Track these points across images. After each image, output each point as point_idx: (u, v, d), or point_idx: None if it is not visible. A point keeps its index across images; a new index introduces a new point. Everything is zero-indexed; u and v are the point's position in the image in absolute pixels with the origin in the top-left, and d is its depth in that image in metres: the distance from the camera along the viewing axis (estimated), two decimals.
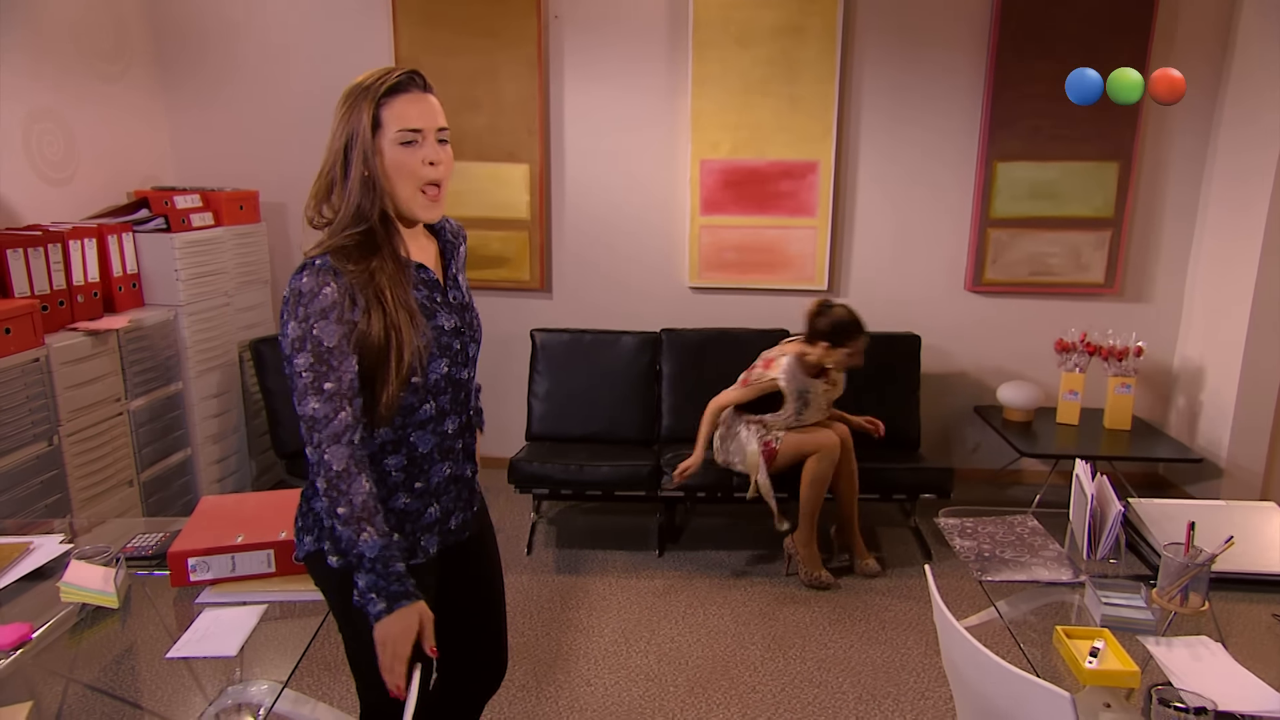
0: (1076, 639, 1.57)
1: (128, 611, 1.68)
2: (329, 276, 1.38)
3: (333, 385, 1.38)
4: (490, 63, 3.93)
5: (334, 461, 1.38)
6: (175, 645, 1.54)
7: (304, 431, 1.40)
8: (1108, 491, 1.90)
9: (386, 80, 1.42)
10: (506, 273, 4.16)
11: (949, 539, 1.99)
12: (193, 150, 4.12)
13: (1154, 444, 3.71)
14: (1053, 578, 1.81)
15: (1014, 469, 4.24)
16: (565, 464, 3.43)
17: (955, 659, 1.56)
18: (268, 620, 1.66)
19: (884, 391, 3.80)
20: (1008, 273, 4.04)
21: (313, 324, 1.37)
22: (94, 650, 1.57)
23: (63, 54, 3.43)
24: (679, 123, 3.99)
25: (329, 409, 1.37)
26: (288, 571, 1.78)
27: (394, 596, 1.39)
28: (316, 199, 1.47)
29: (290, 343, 1.38)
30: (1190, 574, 1.68)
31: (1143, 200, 3.97)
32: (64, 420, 2.86)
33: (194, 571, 1.73)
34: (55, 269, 2.95)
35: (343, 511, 1.38)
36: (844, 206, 4.05)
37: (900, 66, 3.89)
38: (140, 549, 1.87)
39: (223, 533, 1.80)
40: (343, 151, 1.42)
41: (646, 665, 2.77)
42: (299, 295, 1.38)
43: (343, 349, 1.39)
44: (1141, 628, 1.62)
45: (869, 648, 2.88)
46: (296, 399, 1.40)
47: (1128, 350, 3.77)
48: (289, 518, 1.83)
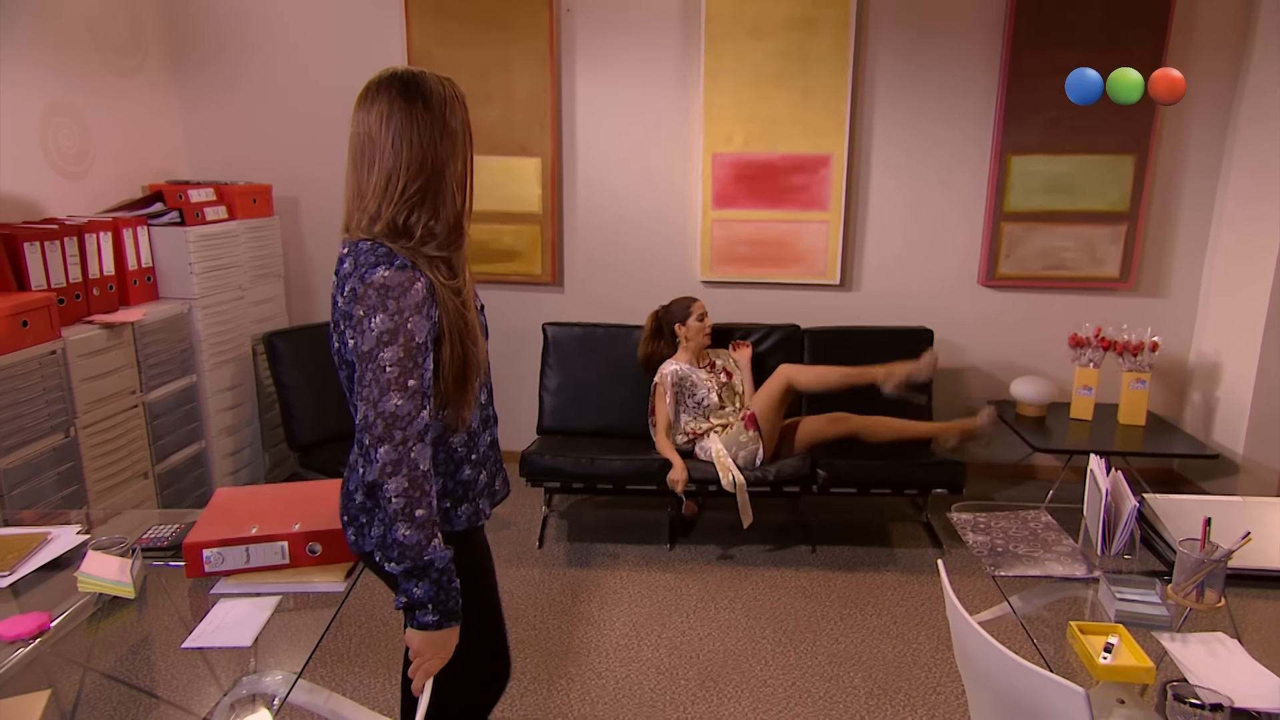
0: (1090, 635, 1.56)
1: (144, 602, 1.69)
2: (416, 273, 1.39)
3: (415, 382, 1.36)
4: (502, 56, 3.93)
5: (420, 461, 1.37)
6: (191, 635, 1.55)
7: (380, 429, 1.34)
8: (1122, 487, 1.89)
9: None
10: (518, 266, 4.17)
11: (961, 534, 1.98)
12: (207, 144, 4.14)
13: (1169, 440, 3.68)
14: (1067, 573, 1.81)
15: (1027, 464, 4.22)
16: (577, 457, 3.44)
17: (969, 653, 1.56)
18: (282, 611, 1.67)
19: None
20: (1021, 267, 4.02)
21: (407, 317, 1.35)
22: (111, 640, 1.59)
23: (78, 48, 3.45)
24: (691, 116, 3.98)
25: (412, 406, 1.36)
26: (301, 563, 1.79)
27: (449, 614, 1.42)
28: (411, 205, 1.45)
29: (377, 336, 1.35)
30: (1206, 570, 1.67)
31: (1159, 193, 3.94)
32: (80, 412, 2.88)
33: (209, 563, 1.74)
34: (71, 262, 2.97)
35: (421, 514, 1.36)
36: (857, 200, 4.03)
37: (914, 59, 3.87)
38: (156, 540, 1.89)
39: (237, 525, 1.81)
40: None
41: (657, 658, 2.77)
42: (387, 289, 1.36)
43: (427, 346, 1.38)
44: (1156, 624, 1.61)
45: (881, 642, 2.87)
46: (375, 394, 1.35)
47: (1143, 345, 3.74)
48: (303, 510, 1.85)
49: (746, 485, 3.34)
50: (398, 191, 1.42)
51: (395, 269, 1.38)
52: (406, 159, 1.42)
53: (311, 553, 1.78)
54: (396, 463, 1.35)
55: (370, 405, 1.35)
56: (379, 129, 1.42)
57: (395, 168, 1.42)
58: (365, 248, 1.43)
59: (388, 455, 1.35)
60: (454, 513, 1.62)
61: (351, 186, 1.48)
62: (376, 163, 1.43)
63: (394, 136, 1.42)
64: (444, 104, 1.46)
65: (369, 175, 1.44)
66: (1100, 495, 1.90)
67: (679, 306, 3.66)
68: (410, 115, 1.42)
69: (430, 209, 1.45)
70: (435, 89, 1.46)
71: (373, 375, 1.35)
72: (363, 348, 1.37)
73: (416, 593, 1.39)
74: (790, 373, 3.48)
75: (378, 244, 1.43)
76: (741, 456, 3.39)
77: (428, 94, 1.44)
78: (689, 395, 3.56)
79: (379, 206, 1.43)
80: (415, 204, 1.44)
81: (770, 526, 3.73)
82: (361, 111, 1.45)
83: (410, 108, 1.42)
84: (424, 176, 1.43)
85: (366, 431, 1.37)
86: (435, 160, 1.44)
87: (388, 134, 1.42)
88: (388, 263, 1.38)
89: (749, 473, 3.37)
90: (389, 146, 1.42)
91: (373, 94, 1.44)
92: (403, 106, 1.42)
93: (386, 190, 1.42)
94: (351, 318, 1.40)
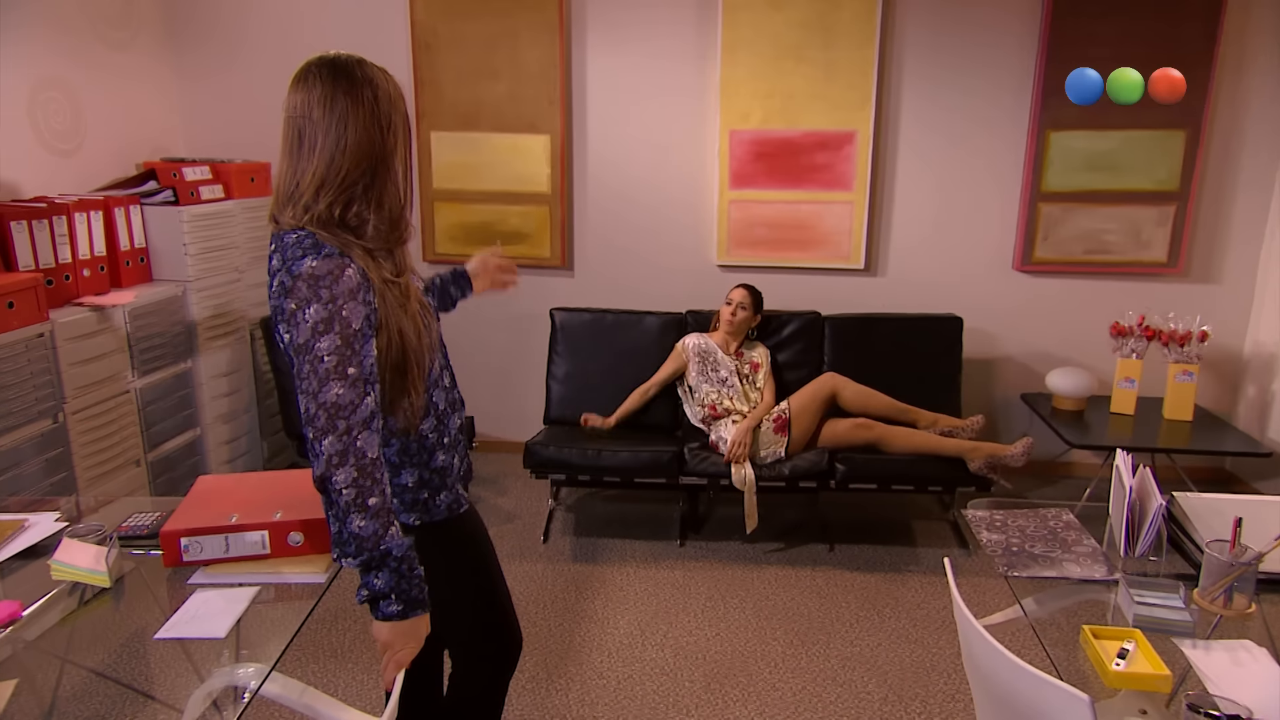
0: (1104, 639, 1.55)
1: (121, 591, 1.73)
2: (345, 260, 1.40)
3: (356, 370, 1.37)
4: (509, 28, 3.93)
5: (368, 449, 1.37)
6: (164, 626, 1.58)
7: (323, 420, 1.35)
8: (1149, 484, 1.86)
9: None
10: (526, 249, 4.18)
11: (976, 532, 1.97)
12: (203, 120, 4.19)
13: (1219, 436, 3.62)
14: (1084, 575, 1.79)
15: (1064, 461, 4.17)
16: (583, 449, 3.45)
17: (974, 656, 1.55)
18: (261, 603, 1.70)
19: (923, 377, 3.76)
20: (1060, 251, 3.96)
21: (341, 305, 1.37)
22: (85, 629, 1.62)
23: (69, 20, 3.50)
24: (707, 91, 3.96)
25: (354, 394, 1.37)
26: (282, 553, 1.81)
27: (414, 603, 1.43)
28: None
29: (312, 327, 1.36)
30: (1235, 574, 1.65)
31: (1212, 171, 3.86)
32: (69, 397, 2.94)
33: (187, 552, 1.77)
34: (60, 242, 3.03)
35: (374, 502, 1.37)
36: (883, 180, 4.00)
37: (945, 28, 3.81)
38: (136, 528, 1.92)
39: (217, 513, 1.84)
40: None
41: (662, 659, 2.78)
42: (317, 279, 1.37)
43: (366, 333, 1.40)
44: (1178, 629, 1.59)
45: (898, 646, 2.86)
46: (314, 385, 1.36)
47: (1190, 335, 3.67)
48: (286, 499, 1.88)
49: (758, 481, 3.33)
50: (339, 179, 1.43)
51: (323, 258, 1.39)
52: (350, 144, 1.42)
53: (293, 543, 1.81)
54: (343, 453, 1.35)
55: (310, 398, 1.36)
56: (320, 112, 1.42)
57: (337, 153, 1.42)
58: (291, 240, 1.43)
59: (332, 446, 1.35)
60: (433, 502, 1.64)
61: (284, 172, 1.47)
62: (317, 147, 1.42)
63: (337, 120, 1.42)
64: (389, 97, 1.47)
65: (308, 160, 1.43)
66: (1125, 493, 1.88)
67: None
68: (356, 100, 1.42)
69: (372, 201, 1.46)
70: (380, 79, 1.47)
71: (310, 367, 1.36)
72: (298, 340, 1.38)
73: (378, 584, 1.41)
74: (837, 383, 3.53)
75: (305, 234, 1.43)
76: (761, 455, 3.40)
77: (373, 81, 1.45)
78: (712, 369, 3.60)
79: (316, 194, 1.43)
80: (356, 194, 1.45)
81: (786, 523, 3.72)
82: (300, 93, 1.44)
83: (355, 92, 1.43)
84: (367, 165, 1.44)
85: (309, 425, 1.38)
86: (381, 150, 1.45)
87: (330, 117, 1.42)
88: (315, 253, 1.39)
89: (763, 467, 3.36)
90: (331, 129, 1.42)
91: (313, 75, 1.44)
92: (347, 89, 1.42)
93: (327, 177, 1.43)
94: (285, 312, 1.41)
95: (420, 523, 1.64)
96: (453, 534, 1.70)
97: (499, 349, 4.34)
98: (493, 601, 1.79)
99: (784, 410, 3.45)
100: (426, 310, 1.58)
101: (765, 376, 3.66)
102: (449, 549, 1.71)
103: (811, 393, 3.51)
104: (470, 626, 1.78)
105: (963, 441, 3.37)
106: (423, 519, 1.65)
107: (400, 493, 1.62)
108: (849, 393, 3.52)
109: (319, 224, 1.44)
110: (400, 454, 1.60)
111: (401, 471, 1.61)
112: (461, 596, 1.73)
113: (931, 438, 3.41)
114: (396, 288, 1.49)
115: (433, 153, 4.09)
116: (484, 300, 4.28)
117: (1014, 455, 3.26)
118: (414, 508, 1.64)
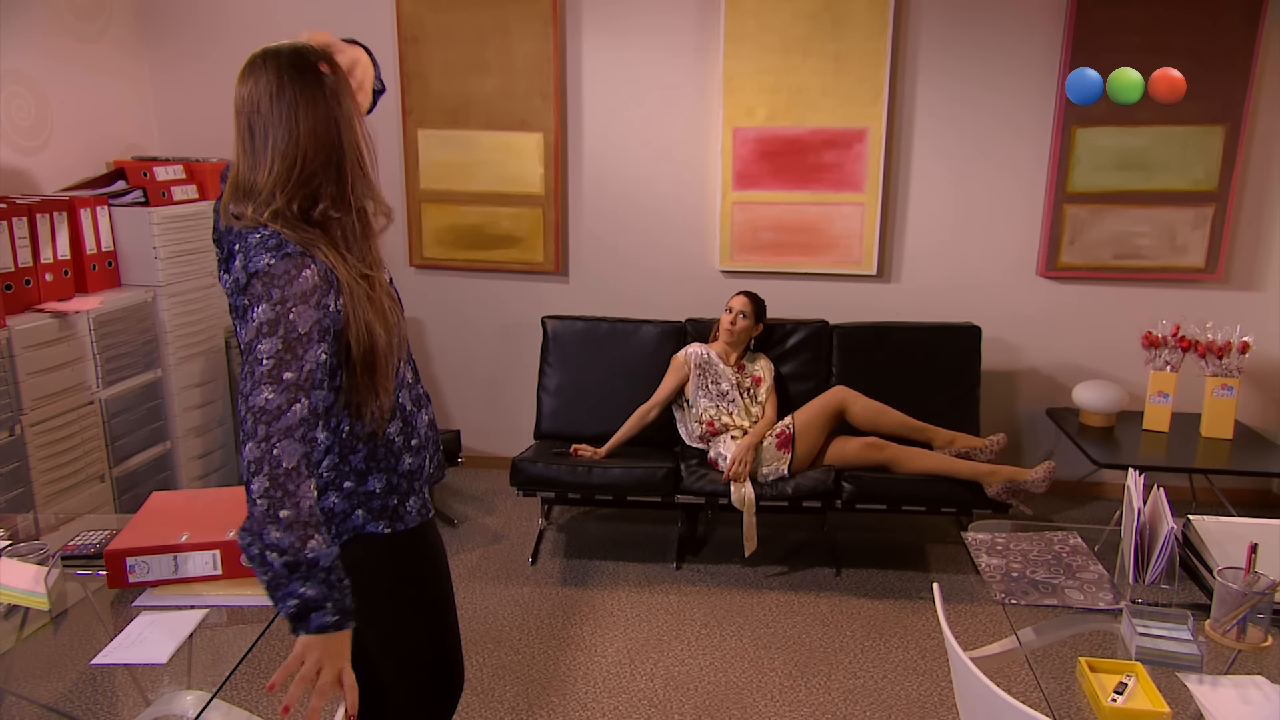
0: (1101, 672, 1.54)
1: (64, 614, 1.75)
2: (305, 259, 1.43)
3: (292, 375, 1.39)
4: (500, 19, 3.96)
5: (284, 458, 1.38)
6: (103, 651, 1.60)
7: (249, 425, 1.38)
8: (1161, 507, 1.85)
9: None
10: (517, 253, 4.21)
11: (975, 556, 1.96)
12: (178, 117, 4.25)
13: (1263, 455, 3.58)
14: (1087, 603, 1.78)
15: (1093, 480, 4.14)
16: (573, 465, 3.46)
17: (962, 689, 1.54)
18: (209, 626, 1.71)
19: (939, 391, 3.75)
20: (1088, 255, 3.94)
21: (290, 307, 1.39)
22: (20, 654, 1.64)
23: (33, 10, 3.56)
24: (710, 86, 3.98)
25: (283, 400, 1.39)
26: (235, 574, 1.83)
27: (347, 612, 1.43)
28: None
29: (257, 328, 1.39)
30: (1248, 604, 1.63)
31: (1254, 170, 3.83)
32: (27, 408, 2.98)
33: (133, 572, 1.80)
34: (21, 244, 3.07)
35: (286, 515, 1.37)
36: (896, 180, 3.99)
37: (962, 18, 3.82)
38: (84, 547, 1.94)
39: (167, 531, 1.86)
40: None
41: (651, 690, 2.78)
42: (271, 278, 1.40)
43: (313, 338, 1.42)
44: (1184, 663, 1.57)
45: (904, 679, 2.85)
46: (248, 387, 1.39)
47: (1230, 346, 3.64)
48: (242, 517, 1.89)
49: (759, 500, 3.33)
50: (297, 172, 1.45)
51: (281, 257, 1.41)
52: (304, 134, 1.45)
53: (246, 564, 1.82)
54: (259, 460, 1.37)
55: (243, 399, 1.39)
56: (269, 103, 1.44)
57: (291, 145, 1.45)
58: (255, 240, 1.46)
59: (252, 453, 1.37)
60: (403, 508, 1.65)
61: (239, 169, 1.50)
62: (270, 140, 1.45)
63: (286, 110, 1.44)
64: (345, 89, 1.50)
65: (262, 154, 1.46)
66: (1135, 516, 1.87)
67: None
68: (314, 91, 1.45)
69: (336, 192, 1.49)
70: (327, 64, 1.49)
71: (249, 368, 1.39)
72: (244, 340, 1.41)
73: (309, 593, 1.39)
74: (845, 396, 3.53)
75: (270, 233, 1.45)
76: (762, 472, 3.39)
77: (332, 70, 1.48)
78: (712, 382, 3.59)
79: (274, 189, 1.46)
80: (318, 186, 1.47)
81: (792, 545, 3.71)
82: (246, 85, 1.46)
83: (301, 79, 1.45)
84: (326, 155, 1.47)
85: (240, 428, 1.41)
86: (339, 137, 1.48)
87: (279, 107, 1.44)
88: (275, 252, 1.42)
89: (764, 485, 3.36)
90: (281, 120, 1.44)
91: (258, 66, 1.46)
92: (294, 78, 1.45)
93: (284, 170, 1.45)
94: (239, 310, 1.46)
95: (390, 531, 1.65)
96: (422, 545, 1.72)
97: (488, 359, 4.36)
98: (449, 637, 1.80)
99: (788, 425, 3.45)
100: (395, 306, 1.61)
101: (768, 392, 3.66)
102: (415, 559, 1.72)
103: (818, 407, 3.50)
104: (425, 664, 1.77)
105: (979, 465, 3.35)
106: (393, 526, 1.65)
107: (368, 500, 1.63)
108: (858, 408, 3.51)
109: (282, 221, 1.46)
110: (367, 460, 1.61)
111: (368, 478, 1.62)
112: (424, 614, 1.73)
113: (946, 460, 3.39)
114: (367, 282, 1.52)
115: (420, 152, 4.13)
116: (472, 308, 4.31)
117: (1034, 480, 3.23)
118: (383, 515, 1.64)
